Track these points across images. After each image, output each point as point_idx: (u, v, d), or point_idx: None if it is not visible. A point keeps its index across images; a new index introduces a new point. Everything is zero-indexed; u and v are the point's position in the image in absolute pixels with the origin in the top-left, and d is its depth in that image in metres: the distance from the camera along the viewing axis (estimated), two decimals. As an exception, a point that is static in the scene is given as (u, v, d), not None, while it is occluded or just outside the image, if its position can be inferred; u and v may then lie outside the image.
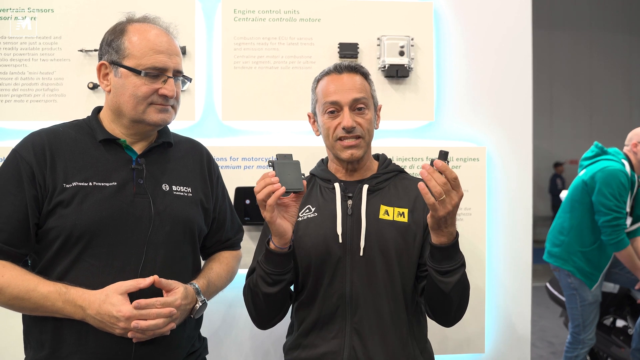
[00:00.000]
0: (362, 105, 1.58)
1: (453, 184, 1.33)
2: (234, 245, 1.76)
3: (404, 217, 1.58)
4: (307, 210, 1.63)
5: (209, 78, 2.22)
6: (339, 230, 1.56)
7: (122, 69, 1.41)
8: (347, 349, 1.52)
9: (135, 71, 1.40)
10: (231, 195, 2.11)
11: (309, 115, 1.72)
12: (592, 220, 3.18)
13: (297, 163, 1.42)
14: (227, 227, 1.71)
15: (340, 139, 1.57)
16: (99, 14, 2.15)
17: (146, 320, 1.32)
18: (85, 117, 1.55)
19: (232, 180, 2.14)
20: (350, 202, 1.59)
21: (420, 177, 1.43)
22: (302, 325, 1.60)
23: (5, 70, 2.12)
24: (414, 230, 1.57)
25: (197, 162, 1.63)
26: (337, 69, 1.61)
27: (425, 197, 1.33)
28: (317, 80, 1.66)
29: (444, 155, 1.35)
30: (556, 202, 9.85)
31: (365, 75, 1.64)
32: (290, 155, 1.43)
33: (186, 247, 1.52)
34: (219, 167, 1.76)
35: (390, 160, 1.74)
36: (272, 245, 1.47)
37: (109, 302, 1.31)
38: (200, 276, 1.57)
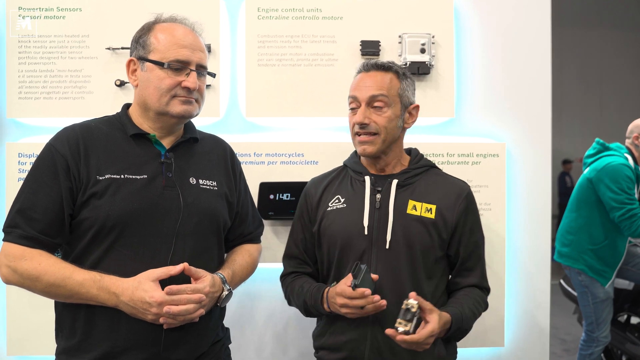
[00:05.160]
0: (379, 103, 1.60)
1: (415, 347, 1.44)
2: (255, 238, 1.80)
3: (431, 213, 1.60)
4: (337, 201, 1.68)
5: (233, 75, 2.26)
6: (365, 223, 1.60)
7: (147, 63, 1.46)
8: (369, 338, 1.57)
9: (159, 64, 1.45)
10: (255, 190, 2.16)
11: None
12: (600, 217, 3.17)
13: (366, 268, 1.49)
14: (249, 221, 1.76)
15: (357, 133, 1.63)
16: (126, 13, 2.19)
17: (177, 305, 1.35)
18: (114, 113, 1.60)
19: (256, 176, 2.18)
20: (379, 195, 1.63)
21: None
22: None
23: (34, 68, 2.17)
24: (440, 226, 1.60)
25: (221, 157, 1.68)
26: (365, 67, 1.65)
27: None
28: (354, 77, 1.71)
29: (405, 315, 1.44)
30: (564, 202, 9.82)
31: (397, 73, 1.65)
32: (360, 267, 1.49)
33: (212, 239, 1.57)
34: (242, 163, 1.80)
35: (422, 155, 1.76)
36: (327, 309, 1.59)
37: (142, 289, 1.34)
38: (225, 267, 1.61)
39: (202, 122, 2.17)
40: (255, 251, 1.78)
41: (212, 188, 1.57)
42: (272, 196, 2.18)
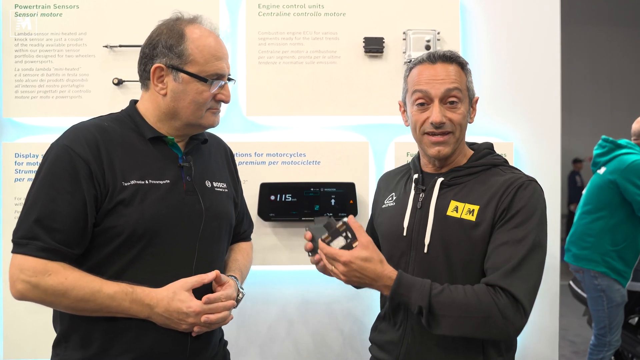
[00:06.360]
0: (454, 99, 1.44)
1: (328, 261, 1.36)
2: (248, 237, 1.81)
3: (472, 215, 1.41)
4: (390, 199, 1.61)
5: (233, 73, 2.20)
6: (405, 224, 1.50)
7: (183, 75, 1.39)
8: (405, 344, 1.47)
9: (201, 79, 1.39)
10: (256, 191, 2.12)
11: (399, 104, 1.60)
12: (623, 218, 3.10)
13: (332, 218, 1.42)
14: (245, 220, 1.76)
15: (427, 133, 1.46)
16: (124, 10, 2.15)
17: (214, 314, 1.36)
18: (119, 110, 1.51)
19: (256, 176, 2.14)
20: (422, 195, 1.51)
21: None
22: (382, 310, 1.61)
23: (31, 66, 2.13)
24: (482, 229, 1.39)
25: (224, 158, 1.65)
26: (431, 58, 1.47)
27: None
28: (410, 69, 1.53)
29: (327, 226, 1.36)
30: (574, 201, 9.71)
31: (462, 65, 1.49)
32: (327, 218, 1.42)
33: (226, 242, 1.57)
34: (242, 163, 1.77)
35: (487, 152, 1.55)
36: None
37: (178, 299, 1.32)
38: (233, 268, 1.60)
39: (201, 121, 2.13)
40: (250, 250, 1.79)
41: (224, 190, 1.55)
42: (273, 197, 2.13)
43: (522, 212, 1.37)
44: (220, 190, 1.54)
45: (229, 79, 1.50)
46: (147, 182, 1.37)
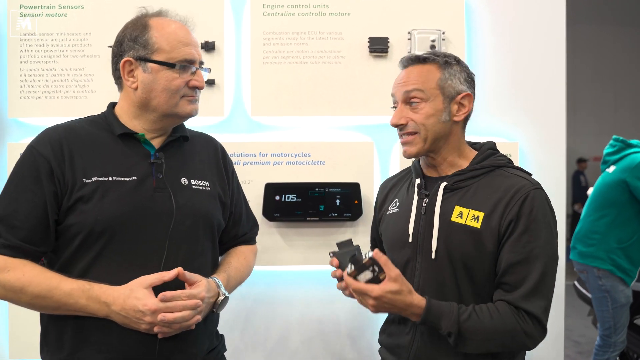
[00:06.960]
0: (414, 100, 1.45)
1: (357, 296, 1.35)
2: (250, 240, 1.74)
3: (477, 221, 1.40)
4: (393, 205, 1.59)
5: (238, 73, 2.21)
6: (410, 230, 1.48)
7: (151, 64, 1.39)
8: (414, 348, 1.47)
9: (169, 65, 1.38)
10: (260, 191, 2.11)
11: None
12: (630, 216, 3.11)
13: (357, 247, 1.40)
14: (243, 222, 1.69)
15: (400, 136, 1.50)
16: (129, 10, 2.11)
17: (173, 313, 1.29)
18: (99, 113, 1.52)
19: (261, 176, 2.13)
20: (426, 200, 1.49)
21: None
22: (390, 313, 1.60)
23: (36, 66, 2.14)
24: (486, 237, 1.39)
25: (213, 156, 1.61)
26: (403, 62, 1.51)
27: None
28: None
29: (353, 261, 1.34)
30: (578, 201, 9.69)
31: (436, 63, 1.46)
32: (350, 241, 1.41)
33: (206, 242, 1.50)
34: (247, 164, 1.74)
35: (491, 153, 1.52)
36: None
37: (134, 297, 1.28)
38: (221, 270, 1.54)
39: (206, 122, 2.13)
40: (250, 253, 1.72)
41: (204, 188, 1.50)
42: (277, 197, 2.12)
43: (532, 226, 1.36)
44: (199, 188, 1.49)
45: (203, 68, 1.47)
46: (110, 179, 1.36)
